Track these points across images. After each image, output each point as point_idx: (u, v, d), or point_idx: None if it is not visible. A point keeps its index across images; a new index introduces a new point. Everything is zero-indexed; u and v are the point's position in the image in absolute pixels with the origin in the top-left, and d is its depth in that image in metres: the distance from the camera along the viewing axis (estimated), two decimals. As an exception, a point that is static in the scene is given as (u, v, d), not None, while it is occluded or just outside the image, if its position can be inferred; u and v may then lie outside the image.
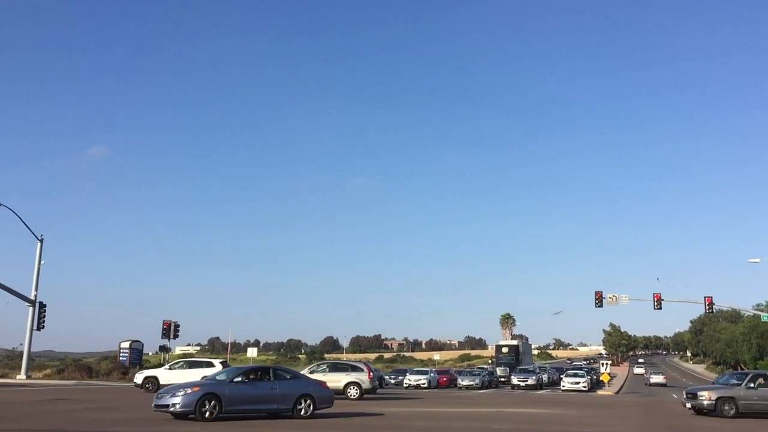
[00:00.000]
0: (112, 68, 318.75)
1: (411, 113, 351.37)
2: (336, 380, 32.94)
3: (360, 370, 35.36)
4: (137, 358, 61.41)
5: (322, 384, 23.42)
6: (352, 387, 33.92)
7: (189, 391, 19.44)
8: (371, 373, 35.76)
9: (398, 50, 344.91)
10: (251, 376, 21.04)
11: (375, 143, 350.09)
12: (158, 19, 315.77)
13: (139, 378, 37.02)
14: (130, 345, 60.91)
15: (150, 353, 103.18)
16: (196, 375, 31.82)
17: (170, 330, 54.36)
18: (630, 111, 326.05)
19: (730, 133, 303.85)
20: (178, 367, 36.43)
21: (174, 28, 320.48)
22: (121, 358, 60.33)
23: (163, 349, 56.15)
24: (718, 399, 27.73)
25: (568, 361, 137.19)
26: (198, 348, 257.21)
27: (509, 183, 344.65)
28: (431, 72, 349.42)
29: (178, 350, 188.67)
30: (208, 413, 19.19)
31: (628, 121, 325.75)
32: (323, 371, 34.53)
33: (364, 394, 33.93)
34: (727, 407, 27.47)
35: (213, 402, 19.34)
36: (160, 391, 20.55)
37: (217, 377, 21.66)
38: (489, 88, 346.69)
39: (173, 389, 19.87)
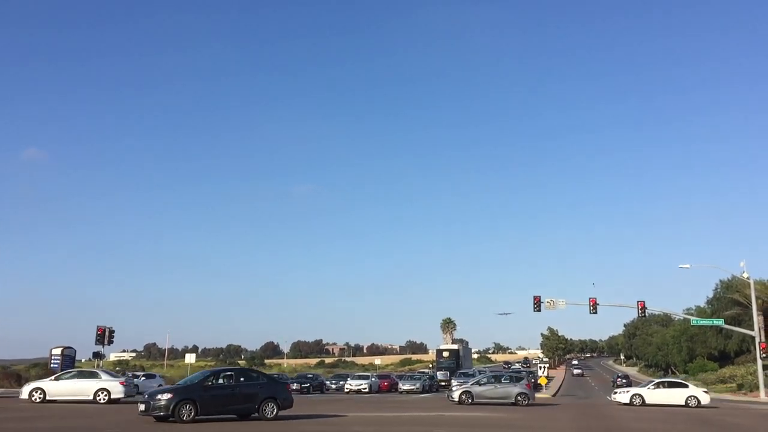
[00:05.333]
0: (56, 75, 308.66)
1: (351, 122, 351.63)
2: None
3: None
4: (70, 364, 59.45)
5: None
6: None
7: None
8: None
9: (345, 59, 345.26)
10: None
11: (317, 151, 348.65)
12: (95, 25, 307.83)
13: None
14: (62, 351, 58.88)
15: (83, 360, 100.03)
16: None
17: (104, 336, 52.74)
18: (559, 119, 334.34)
19: (661, 144, 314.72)
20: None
21: (109, 36, 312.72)
22: (52, 365, 58.27)
23: (97, 355, 54.47)
24: None
25: (505, 366, 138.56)
26: (134, 354, 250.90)
27: (448, 189, 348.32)
28: (374, 82, 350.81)
29: (112, 357, 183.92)
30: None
31: (561, 129, 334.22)
32: None
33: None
34: None
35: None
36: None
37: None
38: (426, 98, 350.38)
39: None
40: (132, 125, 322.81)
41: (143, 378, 52.75)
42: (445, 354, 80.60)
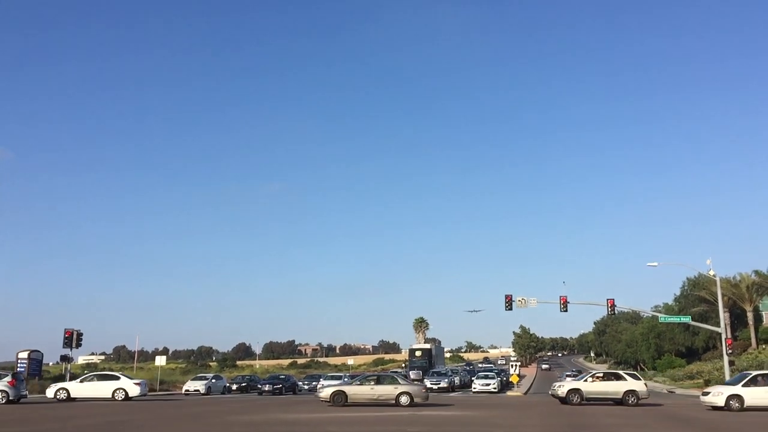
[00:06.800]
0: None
1: (326, 120, 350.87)
2: None
3: None
4: (36, 368, 58.50)
5: None
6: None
7: None
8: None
9: (317, 61, 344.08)
10: None
11: (288, 150, 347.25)
12: (66, 26, 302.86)
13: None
14: (29, 355, 57.93)
15: (51, 363, 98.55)
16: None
17: (72, 339, 51.84)
18: (530, 122, 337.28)
19: (628, 145, 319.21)
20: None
21: (76, 38, 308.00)
22: (18, 369, 57.31)
23: (65, 359, 53.57)
24: None
25: (468, 366, 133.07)
26: (103, 357, 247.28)
27: (421, 190, 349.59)
28: (347, 83, 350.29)
29: (81, 360, 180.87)
30: None
31: (531, 132, 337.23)
32: None
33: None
34: None
35: None
36: None
37: None
38: (400, 100, 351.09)
39: None
40: (100, 128, 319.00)
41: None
42: (418, 353, 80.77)
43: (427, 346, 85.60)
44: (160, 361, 67.49)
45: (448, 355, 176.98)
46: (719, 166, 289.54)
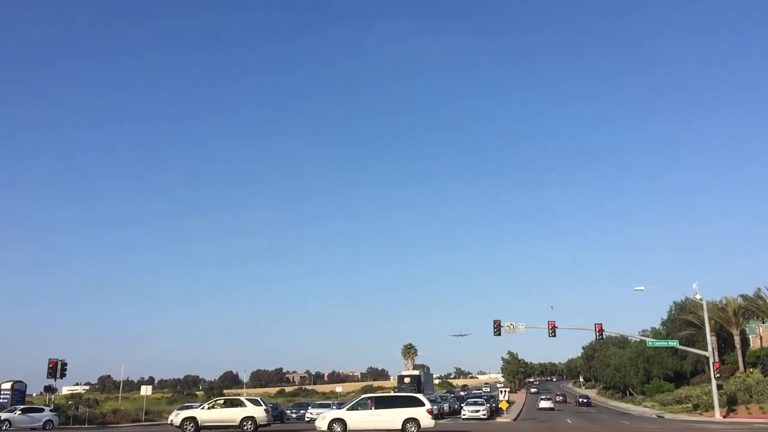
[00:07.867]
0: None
1: (316, 149, 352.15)
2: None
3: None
4: (20, 399, 57.60)
5: None
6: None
7: None
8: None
9: (303, 91, 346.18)
10: None
11: (276, 179, 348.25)
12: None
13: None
14: (12, 386, 57.09)
15: (34, 394, 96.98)
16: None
17: (57, 369, 51.24)
18: (518, 152, 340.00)
19: (617, 173, 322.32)
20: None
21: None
22: (1, 400, 56.45)
23: (49, 389, 52.82)
24: None
25: (450, 394, 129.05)
26: (87, 387, 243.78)
27: (406, 217, 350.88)
28: (335, 115, 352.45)
29: (65, 390, 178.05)
30: None
31: (518, 160, 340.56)
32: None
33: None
34: None
35: None
36: None
37: None
38: (389, 127, 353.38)
39: None
40: (84, 159, 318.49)
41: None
42: (407, 380, 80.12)
43: (416, 372, 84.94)
44: (146, 390, 66.66)
45: (437, 381, 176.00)
46: (706, 191, 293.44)
